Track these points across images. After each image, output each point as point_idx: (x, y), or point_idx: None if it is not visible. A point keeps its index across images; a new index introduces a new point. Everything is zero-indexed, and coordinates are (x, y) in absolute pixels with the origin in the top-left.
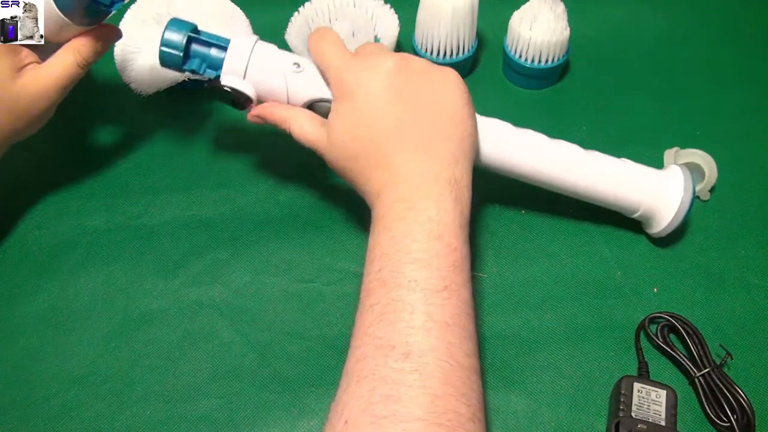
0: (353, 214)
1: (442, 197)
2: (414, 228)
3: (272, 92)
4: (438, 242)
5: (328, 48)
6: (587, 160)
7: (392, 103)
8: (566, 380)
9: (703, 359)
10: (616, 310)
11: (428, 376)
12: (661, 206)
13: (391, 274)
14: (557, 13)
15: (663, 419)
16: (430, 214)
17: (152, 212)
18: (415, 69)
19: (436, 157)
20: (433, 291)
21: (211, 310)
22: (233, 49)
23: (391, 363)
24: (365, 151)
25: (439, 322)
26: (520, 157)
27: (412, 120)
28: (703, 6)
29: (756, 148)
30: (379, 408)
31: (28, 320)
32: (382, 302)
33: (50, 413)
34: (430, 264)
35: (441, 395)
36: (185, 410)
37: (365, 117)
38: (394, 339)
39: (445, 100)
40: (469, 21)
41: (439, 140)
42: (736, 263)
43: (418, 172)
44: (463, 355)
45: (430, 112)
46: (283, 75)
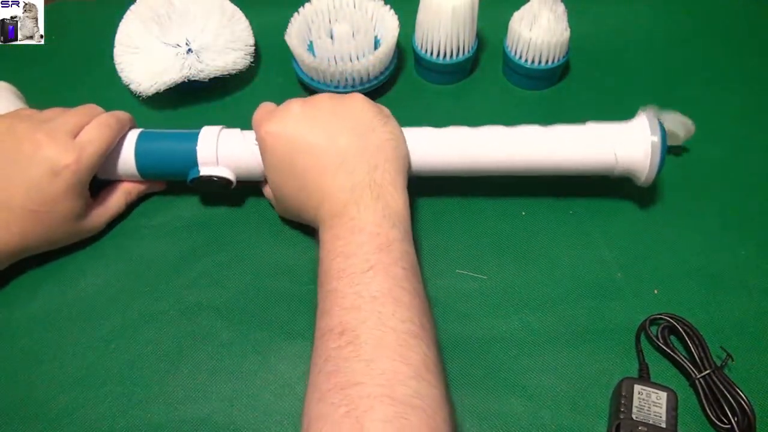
0: None
1: (362, 198)
2: (339, 230)
3: (248, 169)
4: (360, 234)
5: (255, 114)
6: (550, 134)
7: (305, 140)
8: (566, 382)
9: (703, 361)
10: (616, 311)
11: (361, 344)
12: (634, 153)
13: (324, 274)
14: (557, 14)
15: (663, 421)
16: (351, 214)
17: (152, 214)
18: (320, 103)
19: (353, 171)
20: (359, 273)
21: (211, 311)
22: (202, 141)
23: (331, 344)
24: (296, 189)
25: (367, 297)
26: (487, 154)
27: (326, 148)
28: (703, 6)
29: (755, 149)
30: (324, 384)
31: (28, 322)
32: (321, 298)
33: (50, 415)
34: (355, 253)
35: (374, 358)
36: (185, 412)
37: (285, 162)
38: (332, 323)
39: (353, 119)
40: (469, 21)
41: (354, 156)
42: (737, 264)
43: (339, 188)
44: (397, 321)
45: (343, 135)
46: (252, 152)
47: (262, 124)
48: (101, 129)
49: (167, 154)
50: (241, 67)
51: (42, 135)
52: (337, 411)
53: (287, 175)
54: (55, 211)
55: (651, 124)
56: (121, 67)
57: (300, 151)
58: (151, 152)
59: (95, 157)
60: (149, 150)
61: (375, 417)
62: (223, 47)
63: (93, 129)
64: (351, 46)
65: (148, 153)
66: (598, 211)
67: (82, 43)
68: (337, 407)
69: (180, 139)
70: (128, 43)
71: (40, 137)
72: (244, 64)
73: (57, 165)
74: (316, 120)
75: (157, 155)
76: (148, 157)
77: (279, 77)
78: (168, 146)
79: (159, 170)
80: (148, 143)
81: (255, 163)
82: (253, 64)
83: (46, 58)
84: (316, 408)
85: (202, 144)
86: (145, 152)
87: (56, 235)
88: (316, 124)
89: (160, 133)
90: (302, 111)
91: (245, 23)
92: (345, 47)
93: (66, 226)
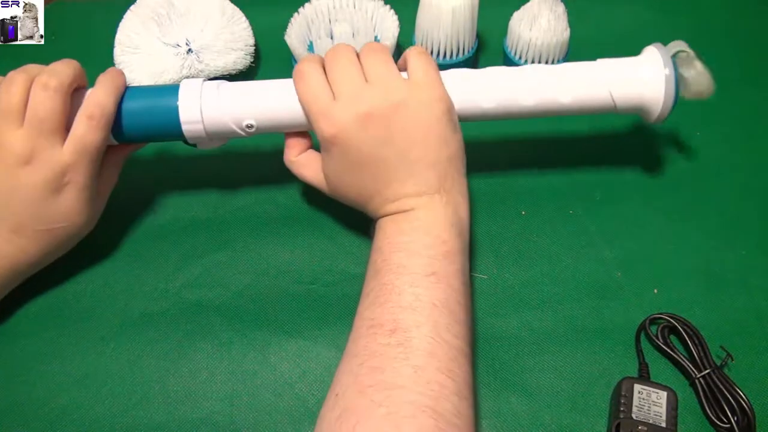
0: (353, 216)
1: (432, 203)
2: (404, 226)
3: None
4: (426, 236)
5: (309, 92)
6: (559, 71)
7: (376, 146)
8: (566, 382)
9: (703, 360)
10: (616, 311)
11: (413, 349)
12: (647, 88)
13: (382, 263)
14: (557, 14)
15: (663, 421)
16: (418, 215)
17: (152, 214)
18: (394, 102)
19: (424, 181)
20: (421, 275)
21: (211, 311)
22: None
23: (380, 339)
24: (358, 182)
25: (426, 302)
26: (494, 95)
27: (398, 159)
28: (704, 6)
29: (756, 149)
30: (366, 379)
31: (28, 322)
32: (375, 288)
33: (50, 415)
34: (419, 252)
35: (424, 366)
36: (185, 411)
37: (353, 163)
38: (383, 318)
39: (428, 128)
40: (469, 22)
41: (426, 167)
42: (737, 264)
43: (407, 193)
44: (450, 335)
45: (417, 144)
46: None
47: (331, 117)
48: (93, 117)
49: (156, 113)
50: (241, 67)
51: (22, 145)
52: (377, 410)
53: (351, 170)
54: (71, 223)
55: (663, 56)
56: (121, 67)
57: (368, 158)
58: (135, 113)
59: (96, 154)
60: (133, 111)
61: (415, 426)
62: (223, 47)
63: (82, 123)
64: None
65: (133, 114)
66: (598, 211)
67: (82, 43)
68: (378, 406)
69: (164, 94)
70: (128, 43)
71: (20, 150)
72: (244, 64)
73: (56, 182)
74: (389, 122)
75: (144, 115)
76: (134, 118)
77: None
78: (153, 103)
79: (146, 132)
80: (131, 103)
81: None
82: (253, 64)
83: (46, 58)
84: (354, 399)
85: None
86: (131, 113)
87: (78, 238)
88: (389, 128)
89: (138, 90)
90: (373, 113)
91: (245, 23)
92: None
93: (86, 227)
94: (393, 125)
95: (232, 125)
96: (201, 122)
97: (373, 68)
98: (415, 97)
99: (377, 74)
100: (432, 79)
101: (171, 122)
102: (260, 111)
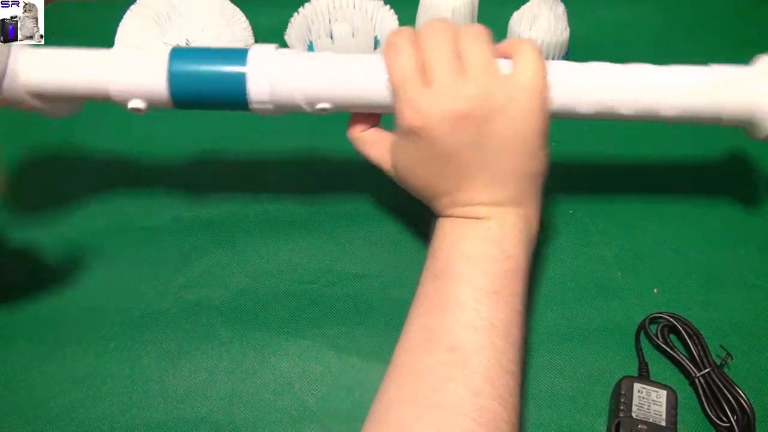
0: (354, 216)
1: (507, 214)
2: (472, 233)
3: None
4: (494, 248)
5: (398, 73)
6: (666, 79)
7: (462, 148)
8: (566, 381)
9: (703, 359)
10: (616, 310)
11: (470, 372)
12: (762, 102)
13: (443, 269)
14: (557, 14)
15: (663, 420)
16: (489, 225)
17: (152, 213)
18: (493, 105)
19: (502, 192)
20: (484, 291)
21: (211, 311)
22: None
23: (437, 354)
24: (429, 183)
25: (486, 322)
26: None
27: (483, 164)
28: (704, 6)
29: (756, 148)
30: (421, 397)
31: (27, 322)
32: (433, 294)
33: (50, 415)
34: (484, 265)
35: (480, 392)
36: (185, 411)
37: (430, 158)
38: (441, 331)
39: (523, 140)
40: (468, 22)
41: (510, 179)
42: (737, 263)
43: (482, 201)
44: (506, 359)
45: (506, 154)
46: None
47: (418, 105)
48: None
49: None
50: None
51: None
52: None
53: (426, 164)
54: None
55: None
56: None
57: (450, 158)
58: (195, 77)
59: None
60: (191, 74)
61: None
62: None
63: None
64: (351, 46)
65: (191, 77)
66: (598, 211)
67: (82, 43)
68: (429, 427)
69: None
70: (128, 43)
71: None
72: None
73: None
74: (482, 125)
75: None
76: (192, 82)
77: None
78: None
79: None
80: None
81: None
82: None
83: None
84: (407, 413)
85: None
86: (189, 76)
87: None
88: (480, 131)
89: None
90: (469, 111)
91: (245, 23)
92: (345, 47)
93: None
94: (486, 130)
95: (304, 106)
96: (270, 101)
97: (473, 57)
98: (518, 103)
99: (478, 66)
100: (542, 87)
101: (236, 92)
102: (338, 94)
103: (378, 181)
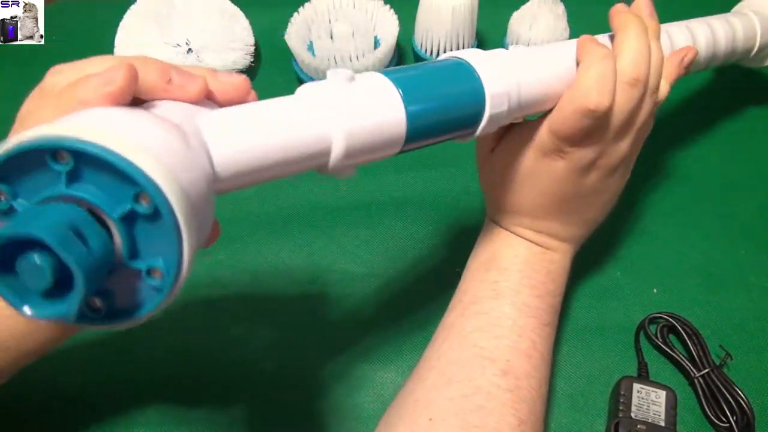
0: (354, 216)
1: (568, 252)
2: (539, 261)
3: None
4: (553, 282)
5: (583, 95)
6: (710, 25)
7: (577, 191)
8: (566, 380)
9: (702, 360)
10: (615, 310)
11: (520, 399)
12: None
13: (506, 291)
14: (557, 14)
15: (662, 420)
16: (555, 259)
17: None
18: (607, 167)
19: (575, 232)
20: (541, 323)
21: (212, 311)
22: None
23: (489, 375)
24: (512, 200)
25: (539, 352)
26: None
27: (580, 209)
28: (704, 6)
29: (757, 149)
30: (471, 416)
31: None
32: (490, 313)
33: (51, 415)
34: (543, 300)
35: (526, 421)
36: (185, 411)
37: (534, 183)
38: (496, 353)
39: (614, 195)
40: (468, 21)
41: (588, 222)
42: (736, 263)
43: (557, 235)
44: (545, 389)
45: (599, 205)
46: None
47: (589, 133)
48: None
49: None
50: (241, 66)
51: None
52: None
53: (522, 183)
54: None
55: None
56: None
57: (557, 195)
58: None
59: None
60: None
61: None
62: (223, 47)
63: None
64: (351, 46)
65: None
66: None
67: (82, 43)
68: None
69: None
70: (128, 42)
71: None
72: (244, 64)
73: None
74: (594, 178)
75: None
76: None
77: (279, 77)
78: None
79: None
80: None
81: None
82: (253, 64)
83: (46, 58)
84: (454, 430)
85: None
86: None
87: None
88: (600, 187)
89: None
90: (593, 167)
91: (245, 23)
92: (345, 47)
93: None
94: (605, 182)
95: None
96: (507, 103)
97: (638, 122)
98: (628, 164)
99: (634, 128)
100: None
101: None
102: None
103: (378, 181)
